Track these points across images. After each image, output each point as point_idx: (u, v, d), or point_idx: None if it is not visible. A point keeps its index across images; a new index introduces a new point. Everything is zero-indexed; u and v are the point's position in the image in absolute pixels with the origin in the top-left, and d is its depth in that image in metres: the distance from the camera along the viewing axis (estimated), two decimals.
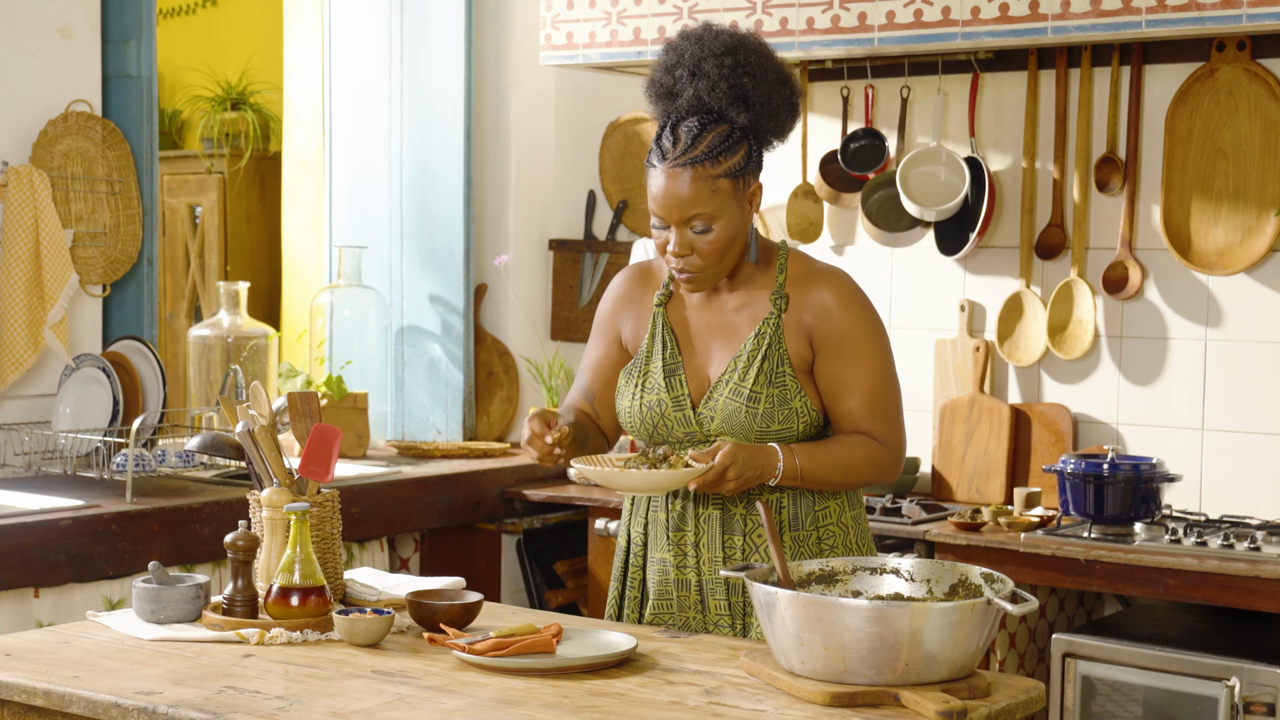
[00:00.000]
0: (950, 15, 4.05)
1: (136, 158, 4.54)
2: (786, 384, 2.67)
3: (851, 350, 2.68)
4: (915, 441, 4.58)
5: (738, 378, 2.67)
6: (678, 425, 2.72)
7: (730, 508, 2.71)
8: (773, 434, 2.67)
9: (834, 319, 2.68)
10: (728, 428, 2.67)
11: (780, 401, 2.66)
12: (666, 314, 2.79)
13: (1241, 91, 4.06)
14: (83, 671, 2.40)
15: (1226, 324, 4.14)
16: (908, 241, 4.59)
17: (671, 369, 2.74)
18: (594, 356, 2.88)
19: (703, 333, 2.75)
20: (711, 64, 2.63)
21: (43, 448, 4.27)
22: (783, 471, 2.63)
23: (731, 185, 2.62)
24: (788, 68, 2.71)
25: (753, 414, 2.65)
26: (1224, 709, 3.45)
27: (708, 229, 2.62)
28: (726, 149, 2.61)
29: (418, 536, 4.60)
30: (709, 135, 2.61)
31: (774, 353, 2.68)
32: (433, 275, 5.16)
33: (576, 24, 4.59)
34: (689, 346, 2.76)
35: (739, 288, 2.74)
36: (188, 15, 6.73)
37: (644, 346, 2.78)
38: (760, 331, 2.69)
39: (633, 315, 2.83)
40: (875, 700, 2.23)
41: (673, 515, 2.75)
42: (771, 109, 2.66)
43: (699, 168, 2.60)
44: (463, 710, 2.21)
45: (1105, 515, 3.81)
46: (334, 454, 2.78)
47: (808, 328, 2.69)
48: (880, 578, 2.50)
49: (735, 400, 2.67)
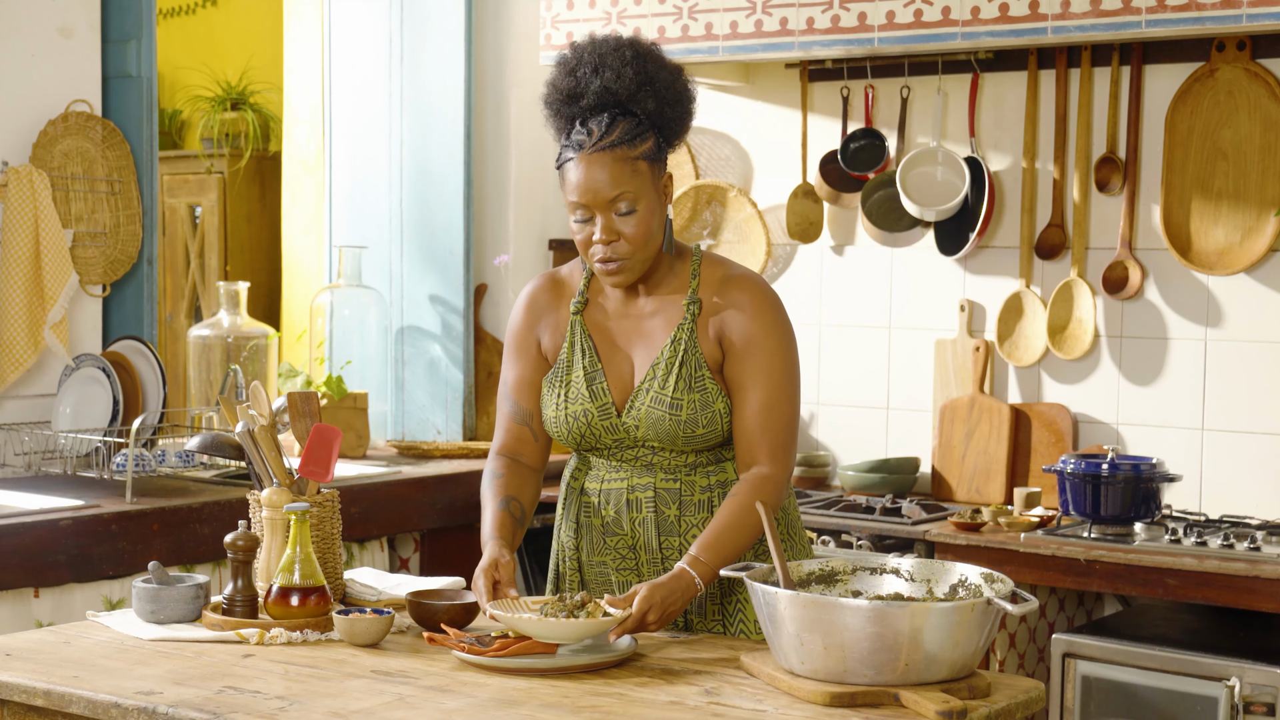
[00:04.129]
0: (950, 15, 4.05)
1: (136, 158, 4.54)
2: (707, 387, 2.68)
3: (754, 354, 2.69)
4: (915, 441, 4.59)
5: (658, 385, 2.69)
6: (605, 433, 2.73)
7: (664, 510, 2.73)
8: (699, 438, 2.68)
9: (741, 322, 2.70)
10: (654, 435, 2.69)
11: (702, 405, 2.68)
12: (584, 321, 2.79)
13: (1241, 91, 4.06)
14: (83, 671, 2.40)
15: (1226, 324, 4.14)
16: (908, 241, 4.59)
17: (592, 376, 2.74)
18: (517, 375, 2.84)
19: (621, 338, 2.77)
20: (612, 56, 2.68)
21: (43, 448, 4.26)
22: (701, 583, 2.60)
23: (649, 168, 2.67)
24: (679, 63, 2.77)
25: (676, 420, 2.67)
26: (1224, 709, 3.44)
27: (632, 210, 2.65)
28: (639, 135, 2.66)
29: (418, 536, 4.60)
30: (620, 124, 2.66)
31: (690, 357, 2.69)
32: (433, 275, 5.16)
33: (576, 24, 4.59)
34: (608, 353, 2.76)
35: (653, 292, 2.76)
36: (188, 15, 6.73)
37: (564, 355, 2.78)
38: (675, 337, 2.71)
39: (549, 325, 2.82)
40: (875, 700, 2.23)
41: (607, 520, 2.77)
42: (675, 94, 2.71)
43: (617, 150, 2.64)
44: (463, 710, 2.21)
45: (1105, 515, 3.81)
46: (334, 454, 2.78)
47: (718, 330, 2.71)
48: (880, 578, 2.50)
49: (658, 408, 2.68)
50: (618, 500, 2.76)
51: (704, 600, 2.75)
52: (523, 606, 2.54)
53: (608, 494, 2.77)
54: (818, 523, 4.09)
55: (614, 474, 2.76)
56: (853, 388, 4.69)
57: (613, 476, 2.76)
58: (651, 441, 2.71)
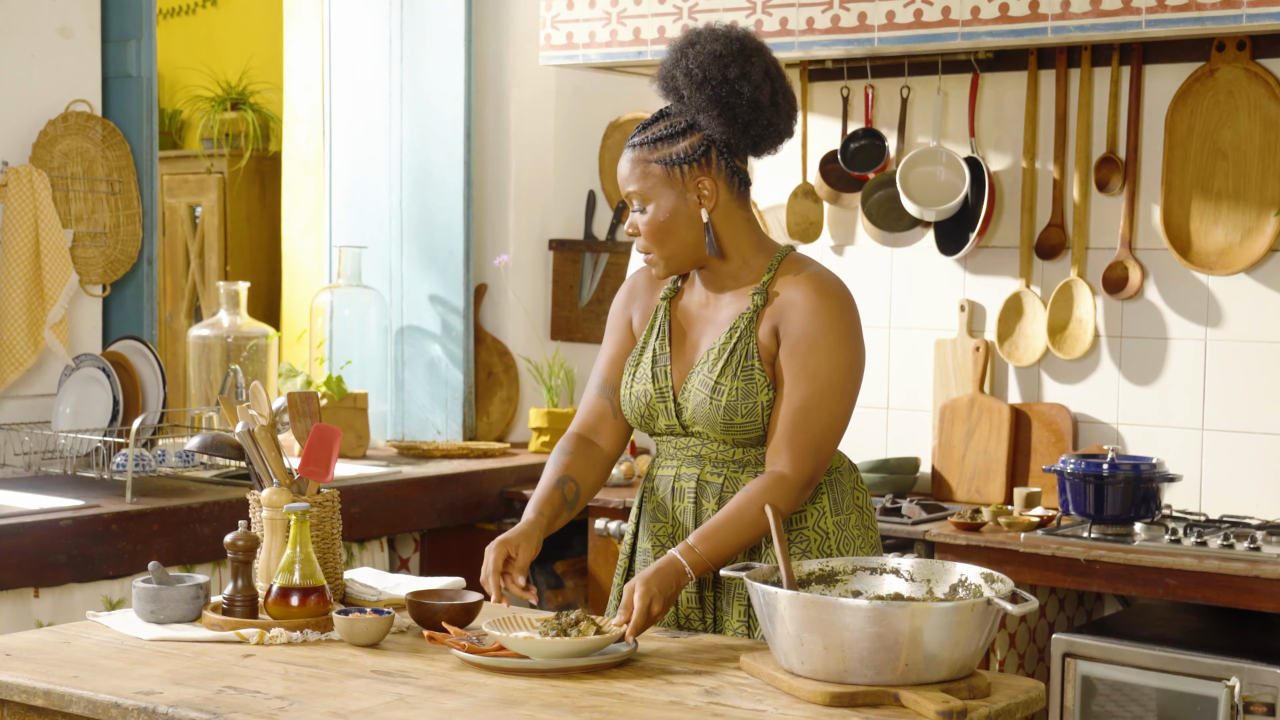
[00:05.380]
0: (950, 15, 4.05)
1: (136, 158, 4.54)
2: (754, 377, 2.67)
3: (804, 351, 2.65)
4: (915, 441, 4.59)
5: (707, 369, 2.70)
6: (661, 415, 2.76)
7: (704, 503, 2.73)
8: (737, 426, 2.68)
9: (798, 316, 2.66)
10: (698, 418, 2.70)
11: (744, 394, 2.67)
12: (670, 308, 2.82)
13: (1241, 91, 4.06)
14: (83, 671, 2.40)
15: (1226, 324, 4.14)
16: (908, 241, 4.59)
17: (660, 358, 2.78)
18: (609, 352, 2.90)
19: (696, 327, 2.79)
20: (675, 51, 2.70)
21: (43, 448, 4.27)
22: (691, 572, 2.59)
23: (664, 172, 2.68)
24: (742, 70, 2.67)
25: (716, 405, 2.67)
26: (1224, 709, 3.44)
27: (643, 209, 2.70)
28: (667, 138, 2.68)
29: (418, 536, 4.60)
30: (660, 123, 2.70)
31: (743, 345, 2.69)
32: (433, 275, 5.16)
33: (576, 24, 4.59)
34: (680, 339, 2.79)
35: (732, 286, 2.76)
36: (188, 15, 6.73)
37: (644, 337, 2.83)
38: (735, 325, 2.71)
39: (641, 307, 2.87)
40: (875, 700, 2.23)
41: (657, 506, 2.80)
42: (700, 104, 2.67)
43: (637, 150, 2.70)
44: (463, 710, 2.21)
45: (1105, 515, 3.81)
46: (334, 454, 2.78)
47: (776, 322, 2.69)
48: (880, 578, 2.50)
49: (702, 391, 2.69)
50: (665, 487, 2.78)
51: (692, 599, 2.75)
52: (525, 625, 2.55)
53: (661, 480, 2.80)
54: None
55: (669, 461, 2.79)
56: None
57: (668, 464, 2.80)
58: (699, 428, 2.71)
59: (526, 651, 2.42)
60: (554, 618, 2.51)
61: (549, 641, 2.41)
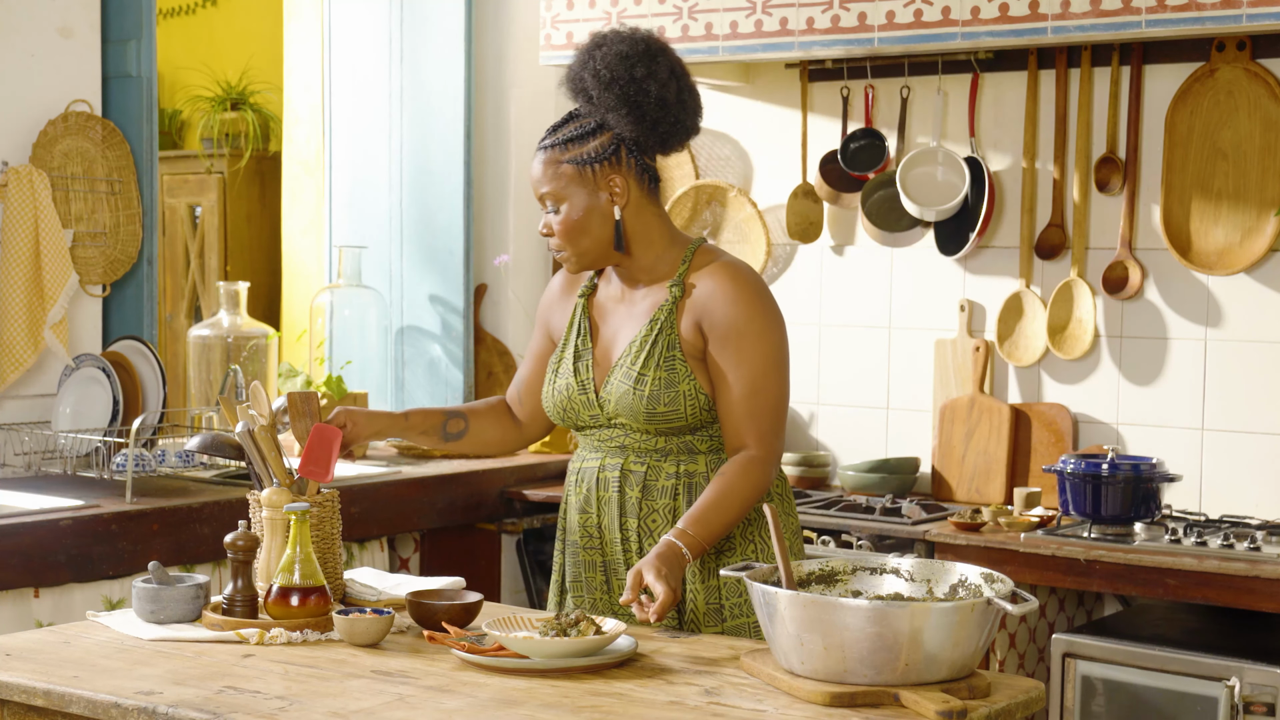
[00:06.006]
0: (950, 15, 4.05)
1: (136, 158, 4.54)
2: (676, 367, 2.75)
3: (737, 340, 2.74)
4: (915, 441, 4.59)
5: (629, 361, 2.78)
6: (583, 409, 2.83)
7: (628, 491, 2.80)
8: (659, 415, 2.75)
9: (722, 307, 2.75)
10: (621, 409, 2.77)
11: (667, 384, 2.74)
12: (587, 305, 2.91)
13: (1241, 91, 4.06)
14: (83, 671, 2.40)
15: (1226, 324, 4.14)
16: (908, 241, 4.59)
17: (580, 354, 2.86)
18: (532, 346, 3.04)
19: (613, 321, 2.87)
20: (583, 54, 2.80)
21: (43, 448, 4.26)
22: (689, 555, 2.67)
23: (576, 171, 2.76)
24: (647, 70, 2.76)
25: (639, 395, 2.75)
26: (1224, 709, 3.45)
27: (556, 209, 2.78)
28: (577, 139, 2.77)
29: (418, 536, 4.60)
30: (569, 125, 2.79)
31: (664, 337, 2.77)
32: (433, 275, 5.16)
33: (576, 24, 4.59)
34: (599, 335, 2.88)
35: (647, 279, 2.85)
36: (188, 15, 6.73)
37: (564, 335, 2.91)
38: (655, 317, 2.79)
39: (560, 308, 2.98)
40: (875, 700, 2.23)
41: (581, 498, 2.87)
42: (609, 104, 2.75)
43: (548, 152, 2.78)
44: (463, 710, 2.21)
45: (1105, 515, 3.81)
46: (334, 454, 2.78)
47: (698, 314, 2.77)
48: (880, 578, 2.50)
49: (625, 383, 2.77)
50: (590, 479, 2.86)
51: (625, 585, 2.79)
52: (525, 624, 2.55)
53: (584, 473, 2.87)
54: (818, 523, 4.09)
55: (592, 454, 2.87)
56: (853, 388, 4.69)
57: (591, 456, 2.87)
58: (622, 419, 2.79)
59: (526, 651, 2.42)
60: (554, 618, 2.52)
61: (549, 641, 2.41)
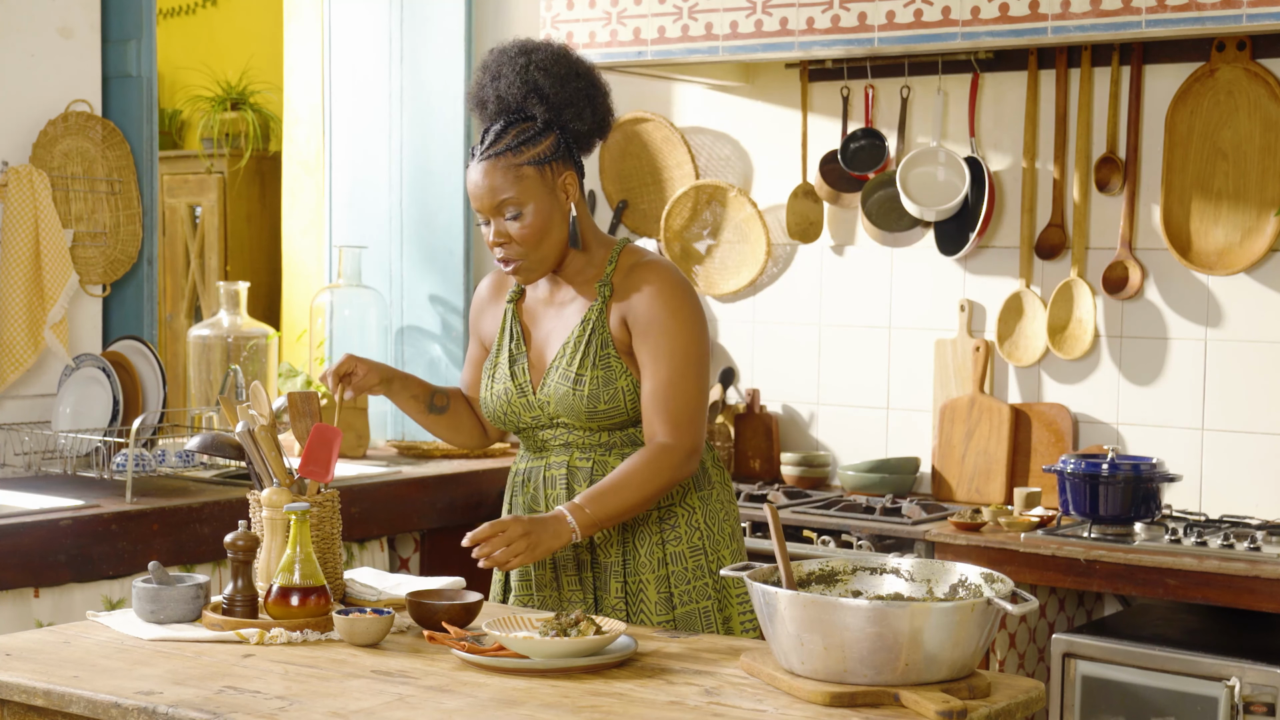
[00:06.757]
0: (950, 15, 4.05)
1: (136, 158, 4.54)
2: (611, 365, 2.83)
3: (654, 335, 2.81)
4: (915, 441, 4.59)
5: (566, 362, 2.84)
6: (524, 410, 2.89)
7: (575, 488, 2.86)
8: (600, 412, 2.82)
9: (644, 304, 2.83)
10: (562, 409, 2.83)
11: (605, 382, 2.82)
12: (516, 310, 2.97)
13: (1241, 91, 4.06)
14: (83, 671, 2.40)
15: (1226, 324, 4.14)
16: (908, 241, 4.59)
17: (515, 358, 2.92)
18: (470, 353, 3.10)
19: (544, 324, 2.93)
20: (507, 65, 2.83)
21: (43, 448, 4.26)
22: (578, 530, 2.72)
23: (537, 173, 2.80)
24: (586, 64, 2.87)
25: (579, 394, 2.82)
26: (1224, 709, 3.45)
27: (518, 215, 2.80)
28: (528, 141, 2.80)
29: (418, 536, 4.60)
30: (512, 131, 2.81)
31: (597, 337, 2.84)
32: (433, 275, 5.16)
33: (576, 24, 4.59)
34: (531, 338, 2.94)
35: (574, 281, 2.91)
36: (188, 15, 6.74)
37: (496, 341, 2.97)
38: (586, 318, 2.85)
39: (490, 315, 3.04)
40: (875, 700, 2.23)
41: (527, 499, 2.92)
42: (566, 99, 2.81)
43: (501, 158, 2.79)
44: (463, 710, 2.21)
45: (1105, 515, 3.81)
46: (334, 454, 2.78)
47: (624, 311, 2.84)
48: (880, 578, 2.50)
49: (564, 383, 2.83)
50: (536, 479, 2.91)
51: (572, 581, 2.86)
52: (524, 624, 2.55)
53: (529, 473, 2.93)
54: (818, 523, 4.09)
55: (536, 455, 2.93)
56: (853, 388, 4.69)
57: (534, 457, 2.93)
58: (563, 419, 2.85)
59: (526, 651, 2.42)
60: (554, 618, 2.52)
61: (549, 641, 2.41)
